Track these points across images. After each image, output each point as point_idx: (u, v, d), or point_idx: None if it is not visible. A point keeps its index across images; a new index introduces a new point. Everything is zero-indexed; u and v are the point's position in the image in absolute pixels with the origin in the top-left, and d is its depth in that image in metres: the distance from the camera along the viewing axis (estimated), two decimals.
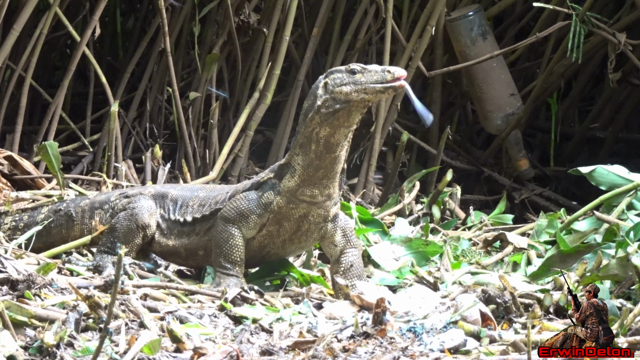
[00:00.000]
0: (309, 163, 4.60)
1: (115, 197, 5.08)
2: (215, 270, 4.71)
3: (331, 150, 4.58)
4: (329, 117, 4.54)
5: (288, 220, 4.69)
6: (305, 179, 4.62)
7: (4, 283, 4.04)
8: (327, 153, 4.58)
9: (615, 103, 8.37)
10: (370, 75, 4.50)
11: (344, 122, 4.54)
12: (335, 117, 4.53)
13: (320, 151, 4.58)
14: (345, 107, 4.51)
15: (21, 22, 6.56)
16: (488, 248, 5.95)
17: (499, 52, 7.51)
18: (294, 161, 4.64)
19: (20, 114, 6.85)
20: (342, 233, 4.77)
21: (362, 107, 4.53)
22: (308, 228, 4.71)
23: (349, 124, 4.55)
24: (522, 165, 7.85)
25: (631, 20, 7.57)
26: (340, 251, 4.77)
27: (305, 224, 4.70)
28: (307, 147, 4.60)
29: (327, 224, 4.72)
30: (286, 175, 4.65)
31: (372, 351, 3.81)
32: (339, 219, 4.76)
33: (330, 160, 4.59)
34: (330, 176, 4.63)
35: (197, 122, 7.34)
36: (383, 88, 4.48)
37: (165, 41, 6.94)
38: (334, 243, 4.76)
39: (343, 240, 4.77)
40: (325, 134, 4.56)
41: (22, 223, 5.24)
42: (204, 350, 3.71)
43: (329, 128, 4.55)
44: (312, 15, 7.74)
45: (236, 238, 4.69)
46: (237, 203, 4.71)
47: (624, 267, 4.53)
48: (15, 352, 3.48)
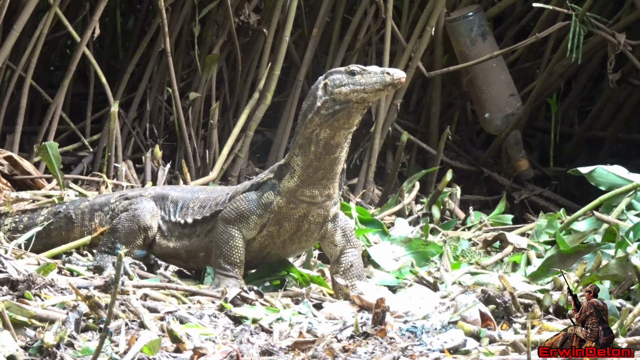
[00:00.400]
0: (309, 164, 4.60)
1: (115, 199, 5.08)
2: (214, 271, 4.71)
3: (331, 151, 4.58)
4: (328, 118, 4.54)
5: (288, 221, 4.69)
6: (304, 179, 4.62)
7: (4, 283, 4.04)
8: (327, 154, 4.58)
9: (615, 103, 8.37)
10: (369, 77, 4.50)
11: (344, 123, 4.54)
12: (335, 119, 4.53)
13: (319, 152, 4.58)
14: (345, 108, 4.51)
15: (21, 22, 6.56)
16: (488, 248, 5.95)
17: (499, 52, 7.51)
18: (293, 162, 4.64)
19: (21, 114, 6.85)
20: (342, 233, 4.77)
21: (362, 107, 4.53)
22: (308, 228, 4.71)
23: (349, 125, 4.55)
24: (521, 166, 7.85)
25: (631, 21, 7.57)
26: (340, 251, 4.77)
27: (305, 224, 4.70)
28: (306, 148, 4.60)
29: (327, 224, 4.73)
30: (286, 175, 4.65)
31: (371, 351, 3.81)
32: (339, 218, 4.76)
33: (330, 161, 4.59)
34: (329, 177, 4.63)
35: (197, 122, 7.34)
36: (382, 86, 4.49)
37: (165, 41, 6.95)
38: (334, 243, 4.77)
39: (343, 240, 4.77)
40: (325, 136, 4.56)
41: (21, 225, 5.24)
42: (203, 350, 3.71)
43: (329, 130, 4.55)
44: (312, 15, 7.75)
45: (236, 239, 4.69)
46: (237, 204, 4.71)
47: (623, 268, 4.54)
48: (15, 352, 3.48)
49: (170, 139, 7.60)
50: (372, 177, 7.56)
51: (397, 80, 4.47)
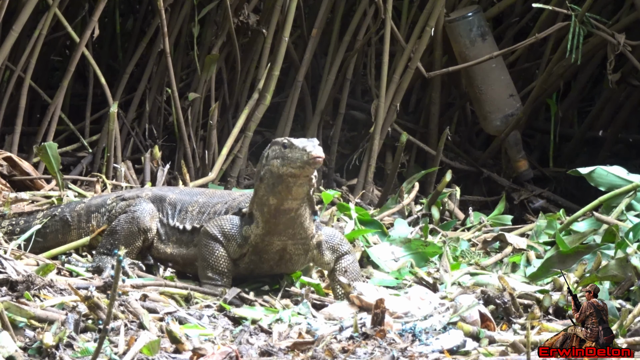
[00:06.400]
0: (267, 220, 4.58)
1: (112, 200, 5.06)
2: (202, 283, 4.68)
3: (285, 213, 4.56)
4: (271, 189, 4.51)
5: (267, 253, 4.67)
6: (269, 230, 4.61)
7: (3, 284, 4.04)
8: (282, 216, 4.56)
9: (615, 104, 8.37)
10: (295, 152, 4.44)
11: (286, 195, 4.51)
12: (277, 191, 4.50)
13: (274, 213, 4.56)
14: (283, 182, 4.47)
15: (20, 22, 6.55)
16: (487, 249, 5.95)
17: (498, 52, 7.51)
18: (255, 214, 4.62)
19: (20, 115, 6.85)
20: (331, 251, 4.74)
21: (299, 182, 4.46)
22: (290, 258, 4.70)
23: (292, 196, 4.51)
24: (521, 166, 7.84)
25: (630, 21, 7.57)
26: (334, 263, 4.75)
27: (286, 255, 4.69)
28: (262, 208, 4.58)
29: (312, 251, 4.71)
30: (252, 222, 4.64)
31: (371, 352, 3.81)
32: (324, 242, 4.72)
33: (288, 219, 4.57)
34: (295, 227, 4.60)
35: (196, 122, 7.34)
36: (302, 164, 4.42)
37: (165, 42, 6.94)
38: (325, 262, 4.75)
39: (333, 255, 4.74)
40: (274, 203, 4.54)
41: (18, 228, 5.23)
42: (203, 351, 3.71)
43: (275, 199, 4.53)
44: (312, 16, 7.74)
45: (221, 250, 4.67)
46: (222, 222, 4.69)
47: (623, 268, 4.54)
48: (14, 353, 3.48)
49: (169, 140, 7.60)
50: (371, 178, 7.55)
51: (312, 159, 4.40)
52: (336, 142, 7.81)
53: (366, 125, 7.91)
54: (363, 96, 8.37)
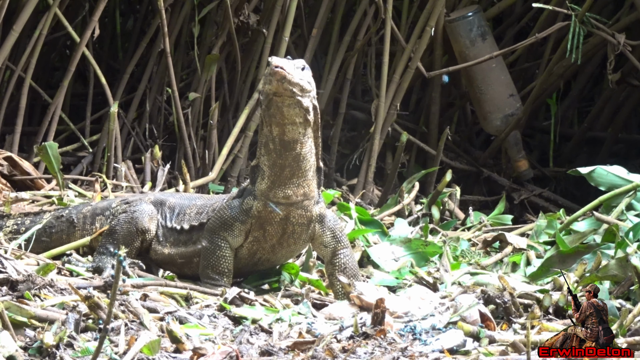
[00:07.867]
0: (273, 162, 4.59)
1: (117, 203, 5.09)
2: (203, 282, 4.69)
3: (289, 147, 4.56)
4: (267, 114, 4.54)
5: (270, 224, 4.67)
6: (274, 180, 4.61)
7: (3, 283, 4.04)
8: (286, 151, 4.56)
9: (615, 104, 8.37)
10: (267, 68, 4.49)
11: (280, 118, 4.51)
12: (271, 114, 4.52)
13: (279, 150, 4.57)
14: (271, 101, 4.49)
15: (21, 22, 6.56)
16: (487, 248, 5.95)
17: (498, 52, 7.51)
18: (261, 162, 4.64)
19: (20, 115, 6.85)
20: (332, 234, 4.74)
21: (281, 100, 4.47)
22: (293, 230, 4.69)
23: (286, 119, 4.50)
24: (521, 166, 7.85)
25: (630, 21, 7.58)
26: (332, 253, 4.75)
27: (289, 226, 4.68)
28: (268, 147, 4.60)
29: (314, 225, 4.70)
30: (258, 178, 4.65)
31: (371, 352, 3.81)
32: (327, 219, 4.73)
33: (293, 158, 4.57)
34: (298, 174, 4.60)
35: (196, 122, 7.35)
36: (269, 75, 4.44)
37: (165, 42, 6.95)
38: (323, 244, 4.74)
39: (333, 241, 4.75)
40: (277, 133, 4.55)
41: (23, 227, 5.24)
42: (203, 350, 3.71)
43: (275, 126, 4.54)
44: (312, 15, 7.74)
45: (223, 249, 4.68)
46: (221, 212, 4.71)
47: (623, 268, 4.54)
48: (14, 352, 3.48)
49: (169, 140, 7.60)
50: (371, 178, 7.56)
51: (272, 70, 4.42)
52: (336, 142, 7.82)
53: (366, 125, 7.92)
54: (363, 96, 8.38)
